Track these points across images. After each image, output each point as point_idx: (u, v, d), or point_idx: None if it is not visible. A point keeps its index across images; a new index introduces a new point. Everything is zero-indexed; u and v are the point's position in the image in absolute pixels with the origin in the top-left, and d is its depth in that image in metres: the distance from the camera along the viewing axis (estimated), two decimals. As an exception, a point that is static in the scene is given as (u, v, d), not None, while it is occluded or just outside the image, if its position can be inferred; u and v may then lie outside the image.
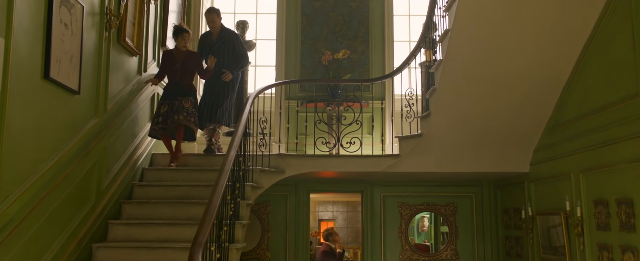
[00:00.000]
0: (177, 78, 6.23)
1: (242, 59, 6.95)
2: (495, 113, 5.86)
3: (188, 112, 6.14)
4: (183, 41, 6.33)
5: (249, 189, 5.90)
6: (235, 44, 6.91)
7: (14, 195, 3.71)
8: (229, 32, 6.97)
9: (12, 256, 3.67)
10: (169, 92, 6.21)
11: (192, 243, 3.67)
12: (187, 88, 6.24)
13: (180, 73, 6.23)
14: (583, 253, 5.13)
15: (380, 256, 7.73)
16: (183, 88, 6.20)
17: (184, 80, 6.25)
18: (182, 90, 6.18)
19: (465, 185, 7.82)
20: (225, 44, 6.88)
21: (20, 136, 3.79)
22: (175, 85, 6.20)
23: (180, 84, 6.20)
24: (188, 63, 6.30)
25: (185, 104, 6.14)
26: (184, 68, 6.26)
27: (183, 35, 6.34)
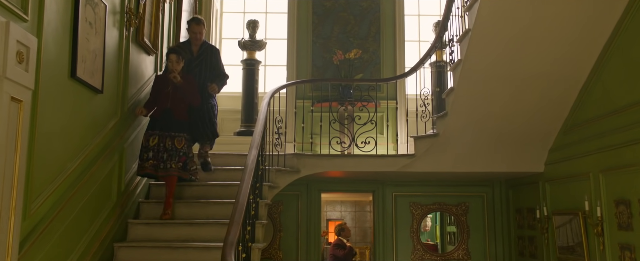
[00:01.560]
0: (167, 104, 5.38)
1: (225, 78, 6.23)
2: (512, 113, 5.87)
3: (183, 157, 5.30)
4: (171, 63, 5.49)
5: (266, 189, 5.90)
6: (218, 61, 6.20)
7: (44, 194, 3.70)
8: (209, 48, 6.22)
9: (44, 255, 3.66)
10: (156, 120, 5.35)
11: (224, 243, 3.67)
12: (179, 117, 5.39)
13: (171, 99, 5.39)
14: (603, 253, 5.14)
15: (392, 255, 7.74)
16: (175, 116, 5.36)
17: (176, 107, 5.40)
18: (173, 120, 5.34)
19: (476, 184, 7.84)
20: (206, 60, 6.11)
21: (50, 135, 3.78)
22: (166, 114, 5.34)
23: (170, 112, 5.35)
24: (181, 88, 5.47)
25: (178, 144, 5.30)
26: (176, 92, 5.45)
27: (170, 57, 5.52)
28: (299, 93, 8.11)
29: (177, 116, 5.39)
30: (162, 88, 5.51)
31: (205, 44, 6.20)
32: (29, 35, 3.35)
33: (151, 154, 5.21)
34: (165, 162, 5.21)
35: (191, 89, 5.55)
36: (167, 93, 5.43)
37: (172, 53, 5.50)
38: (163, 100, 5.43)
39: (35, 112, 3.52)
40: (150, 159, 5.20)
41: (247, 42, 8.20)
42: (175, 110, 5.39)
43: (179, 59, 5.49)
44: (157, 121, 5.35)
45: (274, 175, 6.17)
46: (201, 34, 6.11)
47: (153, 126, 5.35)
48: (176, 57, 5.47)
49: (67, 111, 4.06)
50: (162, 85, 5.53)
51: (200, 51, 6.11)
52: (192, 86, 5.57)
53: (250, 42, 8.19)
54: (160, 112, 5.39)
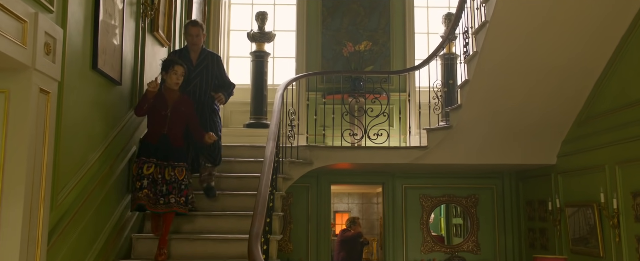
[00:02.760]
0: (164, 129, 4.66)
1: (231, 87, 5.62)
2: (526, 105, 5.88)
3: (185, 190, 4.65)
4: (175, 76, 4.77)
5: (281, 181, 5.90)
6: (221, 70, 5.52)
7: (70, 185, 3.70)
8: (210, 55, 5.50)
9: (70, 246, 3.66)
10: (151, 146, 4.60)
11: (249, 235, 3.67)
12: (177, 143, 4.72)
13: (169, 123, 4.68)
14: (619, 245, 5.17)
15: (402, 247, 7.76)
16: (173, 144, 4.67)
17: (173, 133, 4.70)
18: (171, 148, 4.65)
19: (486, 177, 7.87)
20: (206, 70, 5.39)
21: (74, 127, 3.77)
22: (163, 140, 4.64)
23: (167, 138, 4.65)
24: (181, 110, 4.78)
25: (179, 175, 4.64)
26: (175, 116, 4.72)
27: (175, 68, 4.77)
28: (309, 85, 8.10)
29: (175, 143, 4.72)
30: (157, 108, 4.68)
31: (204, 51, 5.49)
32: (55, 26, 3.34)
33: (146, 183, 4.49)
34: (165, 196, 4.55)
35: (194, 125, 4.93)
36: (164, 117, 4.68)
37: (179, 64, 4.78)
38: (159, 124, 4.67)
39: (61, 102, 3.51)
40: (144, 188, 4.48)
41: (256, 33, 8.17)
42: (173, 137, 4.70)
43: (183, 70, 4.82)
44: (153, 148, 4.61)
45: (288, 167, 6.17)
46: (200, 38, 5.38)
47: (147, 152, 4.58)
48: (183, 69, 4.81)
49: (89, 103, 4.06)
50: (157, 104, 4.68)
51: (199, 59, 5.39)
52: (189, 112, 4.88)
53: (259, 33, 8.17)
54: (156, 138, 4.65)
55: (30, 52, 3.02)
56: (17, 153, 2.96)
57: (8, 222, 2.90)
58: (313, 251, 7.74)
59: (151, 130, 4.73)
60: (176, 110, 4.75)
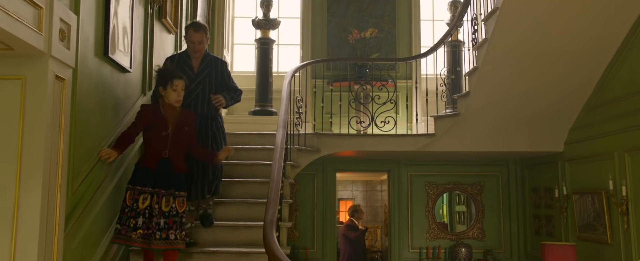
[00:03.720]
0: (164, 152, 4.04)
1: (238, 93, 4.98)
2: (534, 92, 5.87)
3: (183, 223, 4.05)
4: (175, 93, 4.11)
5: (289, 168, 5.90)
6: (227, 78, 4.89)
7: (84, 172, 3.70)
8: (214, 61, 4.84)
9: (85, 232, 3.67)
10: (150, 173, 3.99)
11: (264, 222, 3.68)
12: (181, 170, 4.12)
13: (171, 145, 4.06)
14: (627, 232, 5.19)
15: (407, 235, 7.80)
16: (173, 169, 4.05)
17: (177, 156, 4.10)
18: (171, 173, 4.03)
19: (492, 164, 7.88)
20: (210, 79, 4.74)
21: (87, 114, 3.76)
22: (163, 164, 4.02)
23: (168, 162, 4.04)
24: (184, 130, 4.16)
25: (180, 206, 4.03)
26: (178, 137, 4.10)
27: (174, 83, 4.10)
28: (315, 72, 8.07)
29: (178, 168, 4.07)
30: (156, 128, 4.07)
31: (208, 56, 4.81)
32: (69, 12, 3.31)
33: (141, 221, 3.86)
34: (163, 231, 3.92)
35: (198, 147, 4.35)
36: (164, 138, 4.05)
37: (178, 78, 4.12)
38: (158, 146, 4.04)
39: (75, 89, 3.49)
40: (139, 228, 3.86)
41: (261, 20, 8.14)
42: (175, 161, 4.07)
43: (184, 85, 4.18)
44: (152, 175, 3.98)
45: (296, 154, 6.17)
46: (203, 45, 4.70)
47: (144, 180, 3.95)
48: (184, 82, 4.17)
49: (101, 90, 4.04)
50: (155, 123, 4.07)
51: (202, 66, 4.74)
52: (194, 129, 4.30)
53: (264, 20, 8.13)
54: (155, 162, 4.01)
55: (46, 38, 2.99)
56: (35, 140, 2.95)
57: (27, 208, 2.90)
58: (319, 239, 7.77)
59: (149, 153, 4.06)
60: (179, 129, 4.11)
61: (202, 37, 4.70)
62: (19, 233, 2.88)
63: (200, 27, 4.74)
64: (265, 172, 5.72)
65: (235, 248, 4.67)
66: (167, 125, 4.10)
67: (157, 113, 4.14)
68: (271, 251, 3.30)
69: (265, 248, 3.43)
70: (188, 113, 4.33)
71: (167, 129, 4.08)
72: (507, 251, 7.76)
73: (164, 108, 4.16)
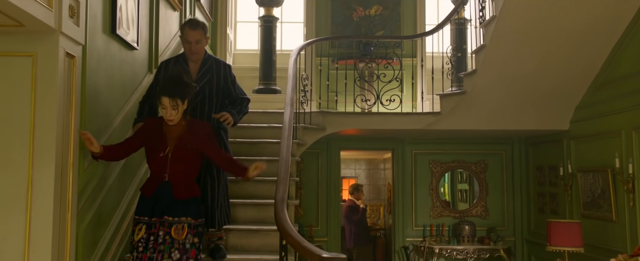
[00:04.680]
0: (164, 175, 3.50)
1: (245, 102, 4.32)
2: (541, 71, 5.84)
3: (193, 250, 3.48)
4: (165, 111, 3.48)
5: (295, 146, 5.90)
6: (232, 85, 4.24)
7: (94, 150, 3.69)
8: (217, 65, 4.18)
9: (96, 210, 3.68)
10: (147, 200, 3.53)
11: (275, 200, 3.69)
12: (183, 195, 3.51)
13: (171, 167, 3.50)
14: (633, 209, 5.21)
15: (411, 213, 7.84)
16: (175, 193, 3.49)
17: (179, 179, 3.52)
18: (172, 200, 3.48)
19: (496, 142, 7.89)
20: (210, 85, 4.08)
21: (96, 91, 3.75)
22: (163, 189, 3.49)
23: (169, 187, 3.49)
24: (187, 148, 3.56)
25: (178, 234, 3.43)
26: (180, 157, 3.52)
27: (162, 102, 3.46)
28: (318, 50, 8.03)
29: (180, 193, 3.50)
30: (154, 148, 3.54)
31: (209, 59, 4.14)
32: (78, -12, 3.27)
33: (134, 255, 3.43)
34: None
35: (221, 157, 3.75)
36: (163, 159, 3.50)
37: (163, 96, 3.43)
38: (157, 168, 3.53)
39: (84, 67, 3.47)
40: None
41: (264, -3, 8.05)
42: (177, 185, 3.50)
43: (175, 103, 3.44)
44: (149, 202, 3.50)
45: (301, 132, 6.16)
46: (201, 45, 4.04)
47: (141, 208, 3.54)
48: (170, 100, 3.43)
49: (109, 67, 4.02)
50: (154, 142, 3.55)
51: (201, 71, 4.08)
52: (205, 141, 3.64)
53: (268, -3, 8.05)
54: (152, 188, 3.52)
55: (56, 14, 2.96)
56: (47, 118, 2.94)
57: (40, 187, 2.90)
58: (323, 217, 7.82)
59: (149, 177, 3.62)
60: (181, 148, 3.51)
61: (200, 36, 4.01)
62: (34, 211, 2.89)
63: (197, 24, 4.04)
64: (271, 150, 5.74)
65: (244, 226, 4.70)
66: (166, 144, 3.50)
67: (158, 131, 3.55)
68: (284, 229, 3.31)
69: (278, 226, 3.44)
70: (196, 125, 3.64)
71: (165, 149, 3.49)
72: (510, 229, 7.81)
73: (165, 125, 3.55)
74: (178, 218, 3.47)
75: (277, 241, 4.33)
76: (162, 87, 3.49)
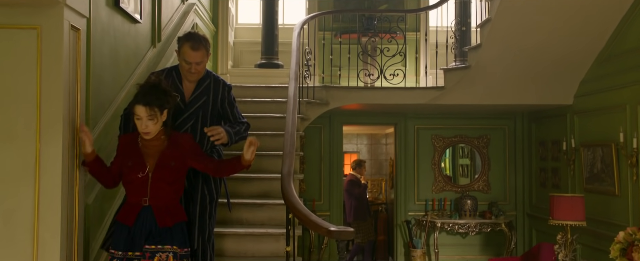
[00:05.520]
0: (143, 198, 3.05)
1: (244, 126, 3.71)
2: (546, 44, 5.80)
3: None
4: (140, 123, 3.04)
5: (299, 121, 5.89)
6: (226, 109, 3.66)
7: (100, 124, 3.70)
8: (216, 85, 3.63)
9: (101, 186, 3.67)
10: (124, 230, 3.04)
11: (281, 175, 3.69)
12: (167, 220, 3.05)
13: (152, 189, 3.06)
14: (636, 183, 5.23)
15: (413, 187, 7.87)
16: (158, 221, 3.03)
17: (160, 201, 3.06)
18: (154, 228, 3.03)
19: (498, 117, 7.89)
20: (206, 107, 3.56)
21: (101, 65, 3.72)
22: (144, 216, 3.03)
23: (150, 213, 3.04)
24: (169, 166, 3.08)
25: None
26: (161, 176, 3.06)
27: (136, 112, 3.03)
28: (321, 24, 7.96)
29: (164, 220, 3.04)
30: (131, 168, 3.08)
31: (207, 78, 3.60)
32: (81, -41, 3.22)
33: None
34: None
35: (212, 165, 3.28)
36: (142, 181, 3.05)
37: (138, 104, 3.02)
38: (135, 191, 3.07)
39: (89, 40, 3.44)
40: None
41: (266, -29, 7.95)
42: (159, 210, 3.04)
43: (152, 112, 3.00)
44: (126, 233, 3.03)
45: (305, 107, 6.15)
46: (202, 66, 3.49)
47: (117, 240, 3.04)
48: (146, 109, 3.00)
49: (113, 41, 3.99)
50: (130, 160, 3.09)
51: (197, 93, 3.54)
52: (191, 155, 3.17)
53: (270, -29, 7.95)
54: (133, 214, 3.04)
55: (61, -14, 2.92)
56: (53, 91, 2.92)
57: (48, 159, 2.89)
58: (326, 192, 7.85)
59: (126, 203, 3.12)
60: (164, 166, 3.06)
61: (203, 57, 3.45)
62: (42, 184, 2.88)
63: (199, 42, 3.43)
64: (275, 124, 5.74)
65: (249, 200, 4.72)
66: (144, 163, 3.06)
67: (133, 147, 3.10)
68: (291, 203, 3.32)
69: (285, 200, 3.45)
70: (178, 138, 3.16)
71: (144, 169, 3.04)
72: (511, 203, 7.85)
73: (142, 140, 3.11)
74: (162, 246, 2.98)
75: (282, 215, 4.37)
76: (137, 94, 3.04)
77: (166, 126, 3.13)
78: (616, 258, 4.29)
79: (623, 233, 4.25)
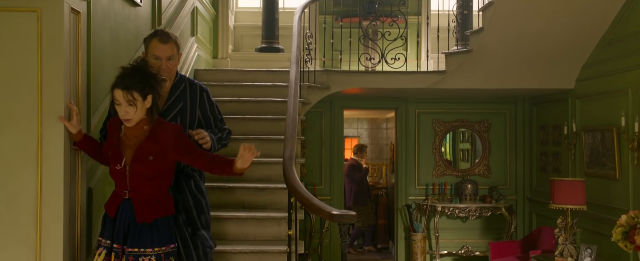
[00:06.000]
0: (123, 190, 2.90)
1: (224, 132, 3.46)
2: (549, 28, 5.77)
3: None
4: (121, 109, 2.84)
5: (300, 105, 5.87)
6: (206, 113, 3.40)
7: (100, 109, 3.68)
8: (192, 89, 3.37)
9: (105, 169, 3.67)
10: (108, 220, 2.95)
11: (283, 158, 3.69)
12: (146, 215, 2.86)
13: (131, 182, 2.89)
14: (637, 168, 5.23)
15: (414, 172, 7.87)
16: (136, 215, 2.86)
17: (140, 195, 2.89)
18: (132, 223, 2.87)
19: (499, 101, 7.87)
20: (184, 113, 3.29)
21: (102, 49, 3.70)
22: (124, 208, 2.89)
23: (130, 207, 2.88)
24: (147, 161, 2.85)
25: None
26: (139, 170, 2.87)
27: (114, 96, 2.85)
28: (322, 8, 7.92)
29: (143, 215, 2.86)
30: (111, 156, 2.93)
31: (181, 82, 3.33)
32: (81, -59, 3.19)
33: None
34: None
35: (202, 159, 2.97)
36: (120, 173, 2.89)
37: (116, 87, 2.84)
38: (117, 182, 2.95)
39: (89, 24, 3.42)
40: None
41: (266, -47, 7.88)
42: (140, 204, 2.88)
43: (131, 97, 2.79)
44: (109, 222, 2.94)
45: (306, 91, 6.13)
46: (173, 62, 3.22)
47: (102, 229, 2.98)
48: (124, 93, 2.80)
49: (113, 24, 3.96)
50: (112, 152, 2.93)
51: (172, 98, 3.28)
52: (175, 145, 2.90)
53: (270, -47, 7.88)
54: (114, 206, 2.93)
55: (60, -32, 2.89)
56: (54, 75, 2.90)
57: (50, 143, 2.89)
58: (326, 176, 7.86)
59: (114, 190, 2.99)
60: (140, 160, 2.85)
61: (173, 51, 3.18)
62: (44, 167, 2.88)
63: (168, 35, 3.20)
64: (276, 108, 5.73)
65: (251, 184, 4.72)
66: (121, 153, 2.88)
67: (116, 134, 2.92)
68: (293, 187, 3.32)
69: (287, 184, 3.46)
70: (162, 128, 2.89)
71: (120, 160, 2.87)
72: (512, 187, 7.87)
73: (125, 128, 2.90)
74: (143, 249, 2.83)
75: (284, 198, 4.39)
76: (117, 77, 2.85)
77: (151, 114, 2.88)
78: (618, 241, 4.31)
79: (625, 216, 4.26)
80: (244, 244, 4.18)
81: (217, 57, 7.67)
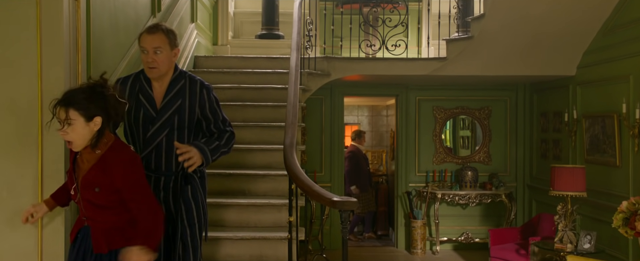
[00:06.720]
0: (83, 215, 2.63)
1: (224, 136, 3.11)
2: (550, 14, 5.74)
3: None
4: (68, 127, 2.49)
5: (300, 92, 5.85)
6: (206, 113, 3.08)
7: (101, 95, 3.65)
8: (192, 86, 3.07)
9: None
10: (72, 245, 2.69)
11: (284, 145, 3.70)
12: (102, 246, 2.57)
13: (83, 207, 2.61)
14: (637, 155, 5.23)
15: (415, 159, 7.88)
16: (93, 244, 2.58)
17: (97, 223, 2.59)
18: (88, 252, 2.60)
19: (500, 88, 7.86)
20: (181, 113, 3.00)
21: (102, 34, 3.68)
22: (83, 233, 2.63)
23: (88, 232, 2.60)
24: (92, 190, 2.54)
25: None
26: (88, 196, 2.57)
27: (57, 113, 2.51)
28: (322, -6, 7.87)
29: (98, 245, 2.57)
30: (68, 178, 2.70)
31: (180, 78, 3.05)
32: None
33: None
34: None
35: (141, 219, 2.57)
36: (75, 196, 2.64)
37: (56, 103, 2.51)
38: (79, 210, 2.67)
39: (88, 9, 3.39)
40: None
41: (266, -61, 7.81)
42: (96, 233, 2.58)
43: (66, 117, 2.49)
44: (73, 247, 2.68)
45: (306, 78, 6.11)
46: (163, 54, 2.93)
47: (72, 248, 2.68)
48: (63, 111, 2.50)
49: (113, 10, 3.93)
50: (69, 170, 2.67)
51: (168, 97, 3.00)
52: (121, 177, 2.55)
53: (269, -62, 7.81)
54: (74, 232, 2.68)
55: (59, -47, 2.87)
56: (54, 62, 2.90)
57: (50, 131, 2.88)
58: (327, 163, 7.87)
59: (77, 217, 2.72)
60: (87, 189, 2.55)
61: (161, 42, 2.90)
62: (45, 153, 2.88)
63: (158, 26, 2.96)
64: (276, 95, 5.72)
65: (251, 171, 4.73)
66: (73, 179, 2.62)
67: (72, 156, 2.64)
68: (294, 174, 3.32)
69: (288, 171, 3.46)
70: (113, 155, 2.55)
71: (72, 185, 2.62)
72: (512, 175, 7.88)
73: (81, 151, 2.59)
74: None
75: (284, 185, 4.39)
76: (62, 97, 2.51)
77: (100, 137, 2.52)
78: (619, 228, 4.31)
79: (626, 202, 4.27)
80: (245, 231, 4.19)
81: (217, 43, 7.65)
